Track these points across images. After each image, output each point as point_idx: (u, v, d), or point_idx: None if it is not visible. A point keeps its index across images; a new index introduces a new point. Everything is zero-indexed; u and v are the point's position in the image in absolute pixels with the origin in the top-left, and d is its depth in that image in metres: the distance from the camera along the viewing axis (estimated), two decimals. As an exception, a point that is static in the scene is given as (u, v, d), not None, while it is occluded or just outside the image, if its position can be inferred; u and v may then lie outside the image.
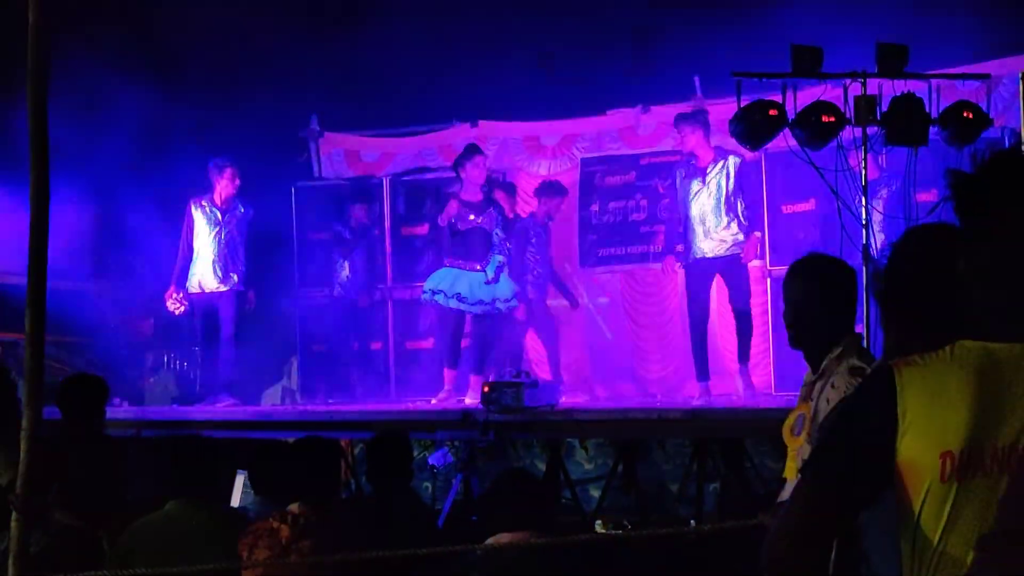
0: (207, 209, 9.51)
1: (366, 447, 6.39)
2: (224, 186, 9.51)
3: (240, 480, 7.79)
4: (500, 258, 8.84)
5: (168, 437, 7.05)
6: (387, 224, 10.72)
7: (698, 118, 8.47)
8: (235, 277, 9.50)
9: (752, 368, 8.59)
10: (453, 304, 8.77)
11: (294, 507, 4.40)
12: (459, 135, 11.08)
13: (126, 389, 10.17)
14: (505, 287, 8.86)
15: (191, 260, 9.50)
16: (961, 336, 1.92)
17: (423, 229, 10.54)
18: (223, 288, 9.45)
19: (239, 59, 10.27)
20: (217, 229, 9.48)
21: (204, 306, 9.52)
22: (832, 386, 3.42)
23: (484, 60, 10.20)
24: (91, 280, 10.74)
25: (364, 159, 11.71)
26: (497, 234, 8.81)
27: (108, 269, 10.75)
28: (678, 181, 8.51)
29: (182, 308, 9.55)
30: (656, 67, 10.02)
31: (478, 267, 8.77)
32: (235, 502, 7.41)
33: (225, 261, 9.47)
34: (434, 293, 8.84)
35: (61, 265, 9.16)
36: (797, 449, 3.52)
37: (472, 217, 8.75)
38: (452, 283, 8.77)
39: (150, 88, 9.47)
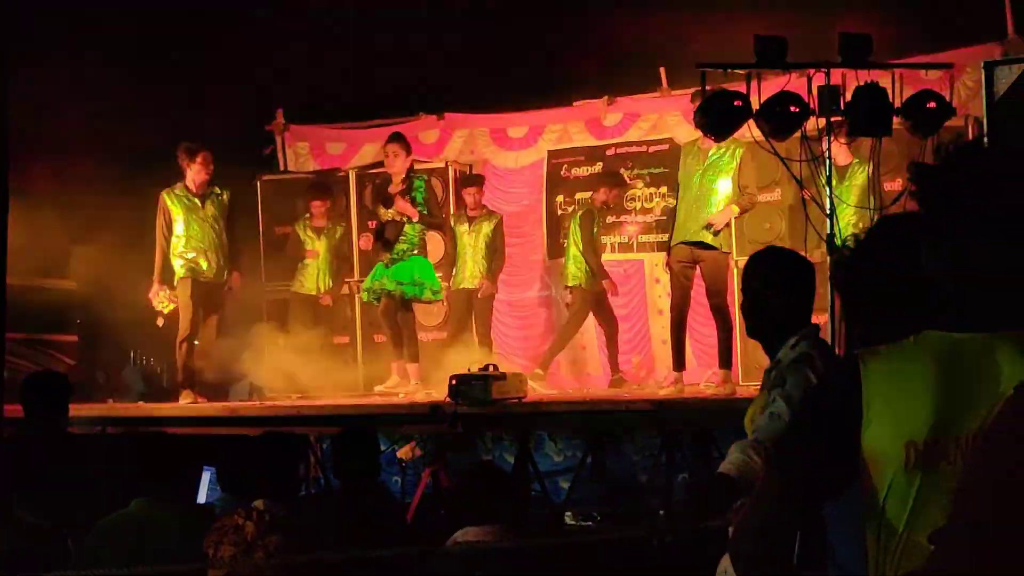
0: (183, 198, 9.02)
1: (333, 442, 6.36)
2: (197, 171, 8.97)
3: (206, 477, 7.75)
4: (403, 247, 8.88)
5: (133, 434, 6.99)
6: (353, 218, 10.67)
7: None
8: (222, 265, 9.09)
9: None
10: (366, 297, 9.16)
11: (259, 503, 4.37)
12: (425, 127, 11.05)
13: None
14: (400, 272, 8.86)
15: (171, 253, 9.00)
16: (926, 327, 1.92)
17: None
18: (211, 279, 9.05)
19: (203, 50, 10.17)
20: (196, 216, 9.01)
21: (187, 296, 9.01)
22: (780, 373, 3.49)
23: (450, 51, 10.18)
24: (67, 278, 10.54)
25: (329, 152, 11.64)
26: (408, 221, 8.86)
27: (82, 266, 10.40)
28: (681, 162, 8.32)
29: (172, 305, 9.04)
30: (622, 58, 10.00)
31: (388, 256, 8.92)
32: (202, 499, 7.36)
33: (213, 249, 9.05)
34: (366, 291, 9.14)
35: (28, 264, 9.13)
36: None
37: (390, 208, 8.89)
38: (372, 276, 9.04)
39: (109, 83, 9.33)
